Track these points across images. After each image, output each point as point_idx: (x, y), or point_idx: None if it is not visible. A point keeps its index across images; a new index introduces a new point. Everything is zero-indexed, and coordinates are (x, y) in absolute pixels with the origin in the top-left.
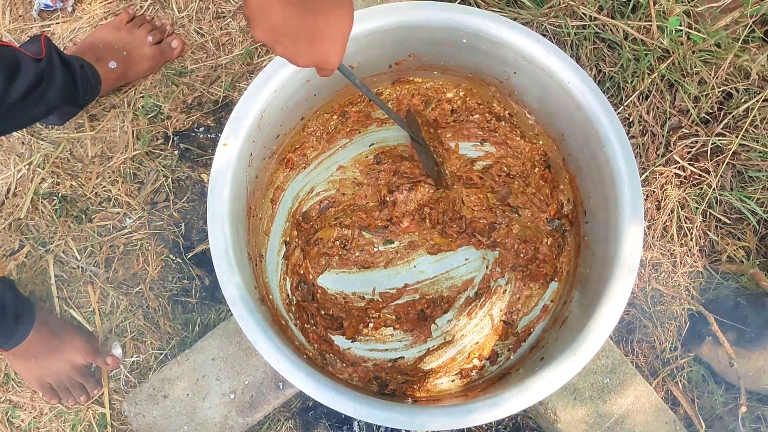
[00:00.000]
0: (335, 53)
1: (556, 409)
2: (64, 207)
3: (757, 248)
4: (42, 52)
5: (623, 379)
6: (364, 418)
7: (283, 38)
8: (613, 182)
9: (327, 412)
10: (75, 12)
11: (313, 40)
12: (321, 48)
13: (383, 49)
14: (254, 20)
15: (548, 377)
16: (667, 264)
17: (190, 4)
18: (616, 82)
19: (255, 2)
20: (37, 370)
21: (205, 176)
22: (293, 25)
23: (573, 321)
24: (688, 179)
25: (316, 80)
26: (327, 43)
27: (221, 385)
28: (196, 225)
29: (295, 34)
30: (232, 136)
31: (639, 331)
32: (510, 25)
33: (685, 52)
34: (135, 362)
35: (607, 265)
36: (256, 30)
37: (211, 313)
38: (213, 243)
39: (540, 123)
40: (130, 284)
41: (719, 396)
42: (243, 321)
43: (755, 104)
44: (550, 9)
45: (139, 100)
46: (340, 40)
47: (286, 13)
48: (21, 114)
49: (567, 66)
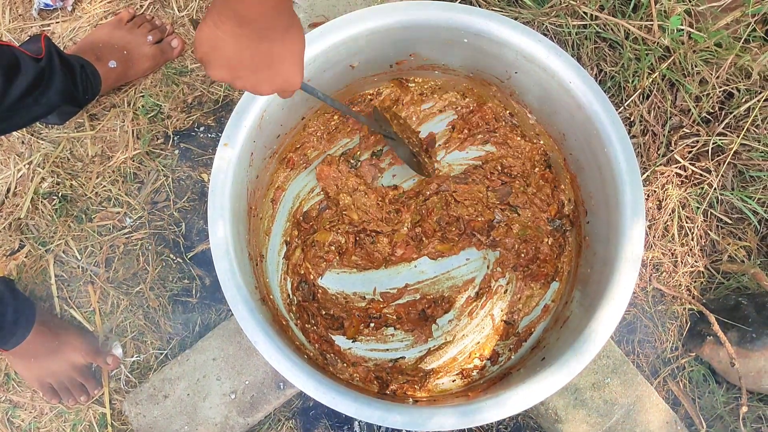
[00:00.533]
0: (295, 73)
1: (557, 409)
2: (64, 207)
3: (758, 248)
4: (42, 52)
5: (624, 379)
6: (365, 418)
7: (241, 72)
8: (615, 182)
9: (328, 412)
10: (75, 11)
11: (272, 66)
12: (281, 72)
13: (384, 49)
14: (209, 61)
15: (550, 377)
16: (668, 264)
17: (190, 4)
18: (617, 82)
19: (206, 43)
20: (37, 370)
21: (206, 176)
22: (249, 57)
23: (574, 321)
24: (689, 179)
25: (316, 80)
26: (286, 66)
27: (222, 385)
28: (197, 225)
29: (253, 64)
30: (232, 136)
31: (640, 330)
32: (511, 24)
33: (686, 52)
34: (135, 362)
35: (609, 265)
36: (213, 70)
37: (212, 312)
38: (214, 243)
39: (541, 123)
40: (131, 284)
41: (720, 396)
42: (244, 321)
43: (756, 104)
44: (551, 8)
45: (139, 99)
46: (298, 60)
47: (240, 46)
48: (21, 114)
49: (568, 66)
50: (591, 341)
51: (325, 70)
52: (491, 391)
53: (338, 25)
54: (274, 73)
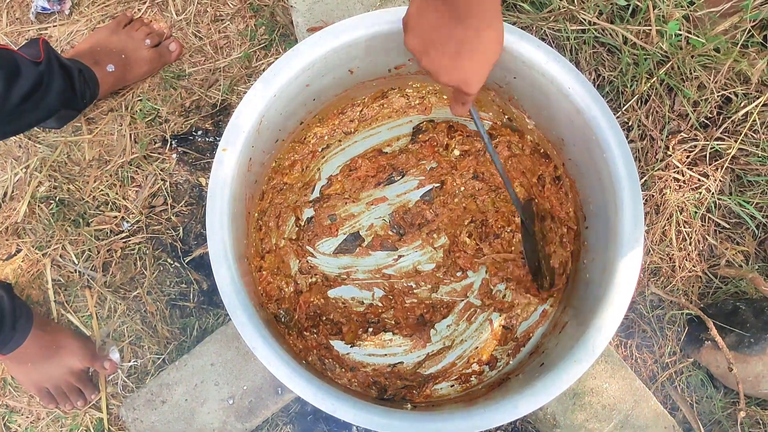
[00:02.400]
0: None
1: (555, 414)
2: (61, 211)
3: (756, 252)
4: (40, 56)
5: (622, 384)
6: (364, 424)
7: (431, 49)
8: (613, 188)
9: (325, 417)
10: (72, 15)
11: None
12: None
13: (384, 54)
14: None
15: (549, 383)
16: (666, 268)
17: (188, 7)
18: (616, 87)
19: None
20: (34, 374)
21: (203, 180)
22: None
23: (573, 326)
24: (687, 183)
25: (315, 85)
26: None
27: (220, 391)
28: (194, 229)
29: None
30: (231, 142)
31: (638, 335)
32: (510, 30)
33: (684, 57)
34: (133, 367)
35: (608, 271)
36: (409, 37)
37: (209, 317)
38: (212, 249)
39: (539, 128)
40: (128, 288)
41: (718, 400)
42: (242, 327)
43: (754, 109)
44: (550, 13)
45: (136, 103)
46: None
47: (438, 22)
48: (21, 118)
49: (567, 71)
50: (590, 347)
51: (324, 74)
52: (490, 397)
53: (338, 30)
54: (458, 65)
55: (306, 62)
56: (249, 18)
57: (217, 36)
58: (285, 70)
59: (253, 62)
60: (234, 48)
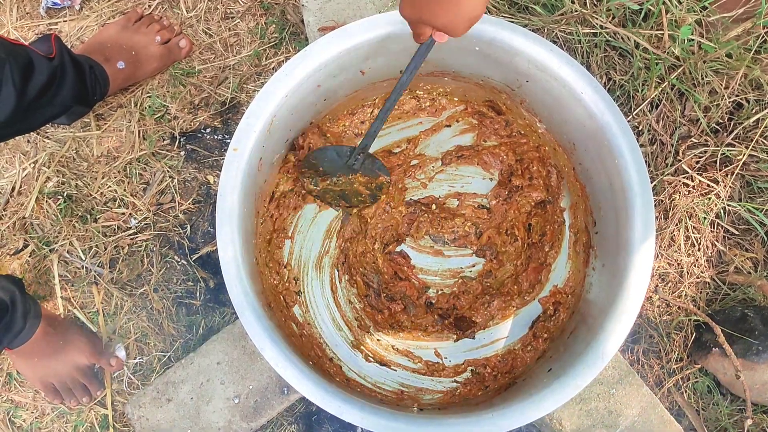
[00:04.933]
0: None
1: (561, 419)
2: (69, 206)
3: (765, 259)
4: (53, 51)
5: (629, 390)
6: (371, 427)
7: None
8: (625, 193)
9: (330, 417)
10: (83, 10)
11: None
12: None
13: (395, 56)
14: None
15: (558, 389)
16: (674, 274)
17: (198, 5)
18: (627, 91)
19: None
20: (40, 369)
21: (212, 178)
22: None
23: (582, 332)
24: (696, 189)
25: (326, 85)
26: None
27: (225, 390)
28: (202, 227)
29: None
30: (242, 141)
31: (645, 341)
32: (524, 34)
33: (696, 62)
34: (138, 364)
35: (617, 277)
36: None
37: (216, 315)
38: (221, 248)
39: (551, 132)
40: (135, 285)
41: (725, 408)
42: (250, 327)
43: (766, 115)
44: (562, 16)
45: (146, 99)
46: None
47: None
48: (37, 114)
49: (580, 76)
50: (599, 353)
51: (336, 75)
52: (498, 402)
53: (351, 31)
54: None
55: (318, 62)
56: (259, 16)
57: (227, 33)
58: (298, 70)
59: (262, 60)
60: (244, 46)
